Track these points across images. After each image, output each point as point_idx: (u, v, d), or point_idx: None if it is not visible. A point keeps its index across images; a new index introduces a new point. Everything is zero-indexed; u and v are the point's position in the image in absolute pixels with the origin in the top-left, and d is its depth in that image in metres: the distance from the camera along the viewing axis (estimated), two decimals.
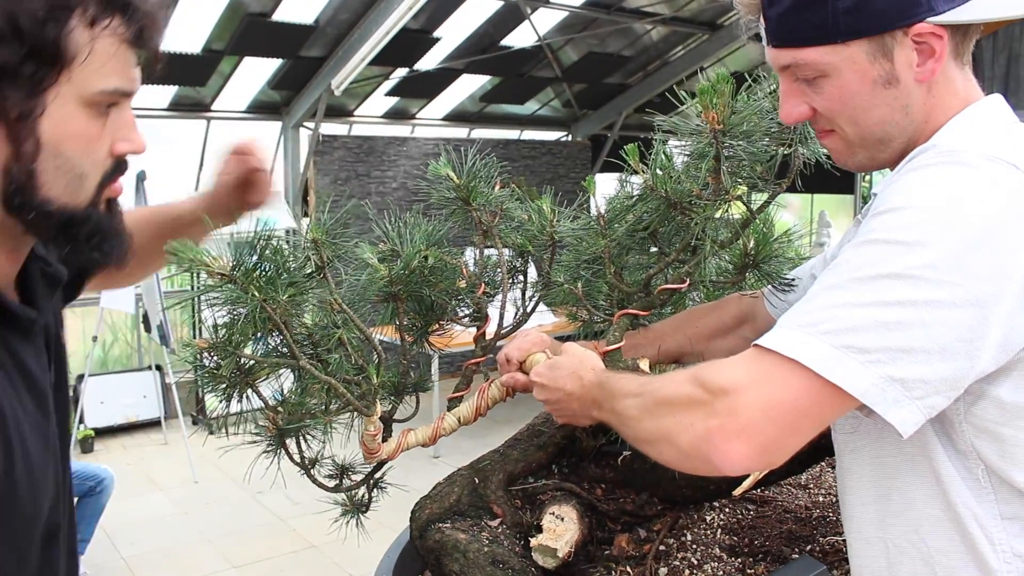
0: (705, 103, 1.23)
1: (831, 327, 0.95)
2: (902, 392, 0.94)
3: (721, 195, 1.32)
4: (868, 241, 1.00)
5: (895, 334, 0.93)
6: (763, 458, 1.00)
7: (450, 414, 1.56)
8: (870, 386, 0.93)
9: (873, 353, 0.93)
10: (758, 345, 1.01)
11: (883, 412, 0.94)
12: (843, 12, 1.06)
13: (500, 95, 9.69)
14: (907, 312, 0.93)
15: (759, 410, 0.97)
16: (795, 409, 0.97)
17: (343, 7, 7.08)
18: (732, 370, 1.02)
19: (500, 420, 2.30)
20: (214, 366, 1.40)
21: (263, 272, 1.34)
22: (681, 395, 1.06)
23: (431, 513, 1.48)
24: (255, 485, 5.75)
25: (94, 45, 1.00)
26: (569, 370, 1.33)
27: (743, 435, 0.98)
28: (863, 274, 0.97)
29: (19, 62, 0.95)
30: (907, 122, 1.12)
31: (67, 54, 0.98)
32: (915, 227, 0.96)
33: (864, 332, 0.94)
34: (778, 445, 0.99)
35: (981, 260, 0.94)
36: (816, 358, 0.95)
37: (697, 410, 1.02)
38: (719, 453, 0.99)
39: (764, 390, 0.98)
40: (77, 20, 0.98)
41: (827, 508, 1.51)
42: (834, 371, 0.94)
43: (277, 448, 1.49)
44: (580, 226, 1.49)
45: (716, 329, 1.59)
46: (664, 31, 9.26)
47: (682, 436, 1.04)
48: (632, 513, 1.51)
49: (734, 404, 0.98)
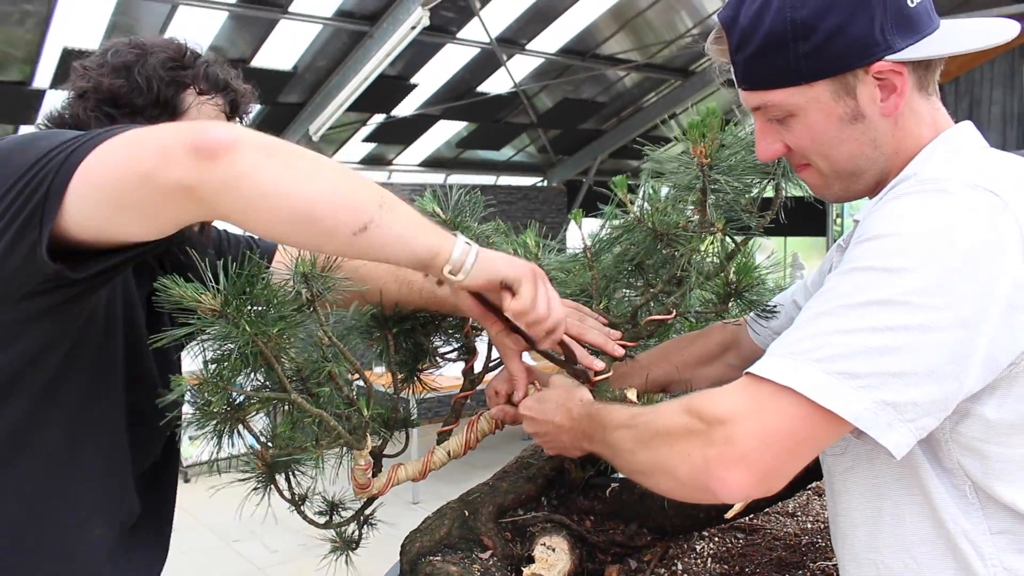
0: (694, 137, 1.27)
1: (824, 354, 0.98)
2: (894, 415, 0.96)
3: (707, 228, 1.35)
4: (855, 269, 1.02)
5: (885, 359, 0.96)
6: (762, 485, 1.01)
7: (440, 448, 1.56)
8: (863, 411, 0.96)
9: (865, 378, 0.96)
10: (751, 373, 1.03)
11: (877, 436, 0.96)
12: (804, 56, 1.11)
13: (476, 141, 9.80)
14: (897, 337, 0.96)
15: (756, 438, 0.99)
16: (791, 436, 0.99)
17: (321, 54, 7.17)
18: (727, 399, 1.04)
19: (479, 465, 2.29)
20: (204, 402, 1.40)
21: (253, 307, 1.35)
22: (676, 425, 1.07)
23: (422, 546, 1.47)
24: (231, 533, 5.67)
25: (200, 108, 1.43)
26: (557, 402, 1.34)
27: (741, 463, 0.99)
28: (852, 301, 0.99)
29: (146, 106, 1.39)
30: (877, 155, 1.16)
31: (179, 109, 1.41)
32: (900, 254, 0.99)
33: (856, 358, 0.96)
34: (776, 472, 1.01)
35: (965, 284, 0.96)
36: (810, 385, 0.97)
37: (694, 440, 1.04)
38: (718, 482, 1.01)
39: (760, 418, 1.00)
40: (190, 90, 1.42)
41: (816, 535, 1.52)
42: (828, 397, 0.96)
43: (267, 485, 1.48)
44: (567, 259, 1.51)
45: (702, 357, 1.61)
46: (637, 78, 9.43)
47: (680, 466, 1.06)
48: (622, 544, 1.51)
49: (731, 433, 1.00)
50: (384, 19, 6.68)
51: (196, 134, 0.98)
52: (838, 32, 1.09)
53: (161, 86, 1.39)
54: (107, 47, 1.44)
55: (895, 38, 1.09)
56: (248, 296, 1.30)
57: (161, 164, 0.98)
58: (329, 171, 1.07)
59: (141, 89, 1.38)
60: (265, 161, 1.01)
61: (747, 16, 1.14)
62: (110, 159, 1.03)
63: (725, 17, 1.19)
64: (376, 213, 1.07)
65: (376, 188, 1.10)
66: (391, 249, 1.11)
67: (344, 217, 1.05)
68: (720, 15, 1.21)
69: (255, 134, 1.02)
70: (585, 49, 8.42)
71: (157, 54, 1.41)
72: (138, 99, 1.38)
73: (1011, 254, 0.98)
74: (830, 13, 1.09)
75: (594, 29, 8.13)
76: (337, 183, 1.06)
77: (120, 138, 1.04)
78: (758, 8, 1.13)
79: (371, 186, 1.10)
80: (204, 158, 0.97)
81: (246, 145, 0.99)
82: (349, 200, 1.06)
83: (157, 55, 1.40)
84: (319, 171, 1.06)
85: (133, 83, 1.38)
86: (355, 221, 1.05)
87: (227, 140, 0.98)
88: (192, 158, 0.97)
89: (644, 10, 8.03)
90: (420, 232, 1.14)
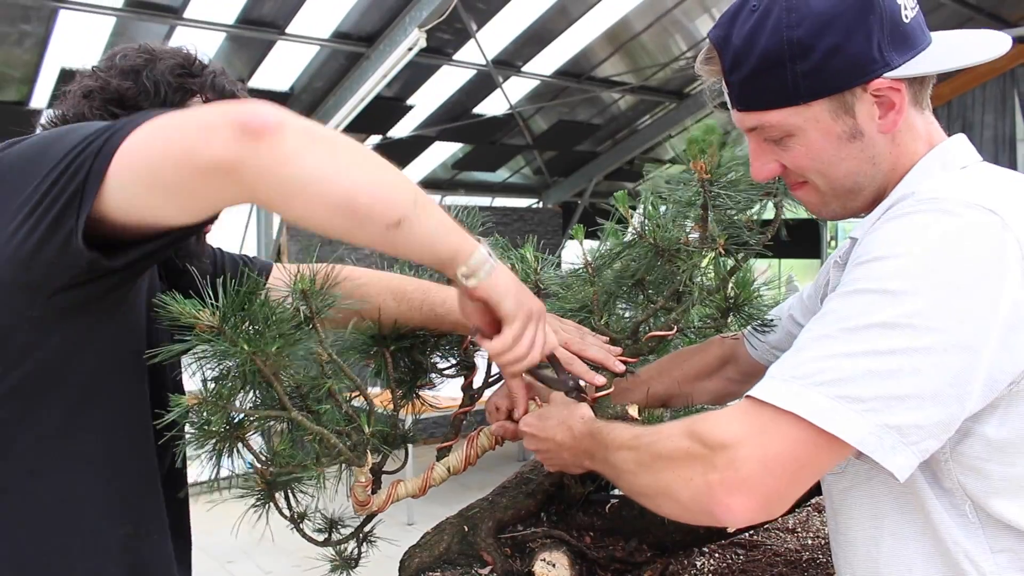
0: (693, 153, 1.27)
1: (826, 378, 0.97)
2: (898, 439, 0.96)
3: (708, 243, 1.36)
4: (855, 291, 1.02)
5: (888, 382, 0.96)
6: (765, 510, 1.02)
7: (440, 464, 1.56)
8: (867, 435, 0.95)
9: (868, 402, 0.95)
10: (752, 397, 1.03)
11: (881, 460, 0.96)
12: (802, 75, 1.10)
13: (472, 162, 9.83)
14: (899, 360, 0.96)
15: (759, 463, 0.99)
16: (794, 460, 0.99)
17: (318, 75, 7.20)
18: (728, 423, 1.03)
19: (474, 486, 2.28)
20: (204, 421, 1.39)
21: (252, 324, 1.34)
22: (678, 449, 1.07)
23: (421, 562, 1.47)
24: (224, 554, 5.62)
25: None
26: (558, 420, 1.34)
27: (744, 488, 0.99)
28: (853, 324, 0.99)
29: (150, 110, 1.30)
30: (875, 171, 1.16)
31: None
32: (901, 276, 0.99)
33: (858, 382, 0.96)
34: (779, 496, 1.01)
35: (966, 304, 0.96)
36: (814, 410, 0.97)
37: (696, 464, 1.03)
38: (722, 507, 1.01)
39: (762, 443, 1.00)
40: (197, 99, 1.42)
41: (816, 551, 1.52)
42: (832, 422, 0.96)
43: (266, 502, 1.47)
44: (568, 273, 1.52)
45: (701, 371, 1.61)
46: (632, 100, 9.48)
47: (683, 491, 1.05)
48: (622, 560, 1.51)
49: (733, 458, 1.00)
50: (381, 41, 6.72)
51: (243, 113, 0.97)
52: (836, 51, 1.08)
53: (168, 91, 1.39)
54: (115, 51, 1.44)
55: (892, 55, 1.09)
56: (246, 313, 1.30)
57: (204, 141, 0.97)
58: (371, 163, 1.07)
59: (148, 93, 1.38)
60: (309, 146, 1.00)
61: (740, 36, 1.13)
62: (152, 138, 1.02)
63: (716, 37, 1.17)
64: (411, 211, 1.07)
65: (412, 185, 1.11)
66: (417, 246, 1.12)
67: (380, 210, 1.05)
68: (711, 34, 1.19)
69: (300, 119, 1.01)
70: (580, 71, 8.47)
71: (166, 60, 1.41)
72: (145, 103, 1.37)
73: (1012, 274, 0.98)
74: (827, 32, 1.08)
75: (589, 52, 8.19)
76: (377, 176, 1.07)
77: (162, 119, 1.04)
78: (752, 28, 1.12)
79: (408, 182, 1.11)
80: (249, 137, 0.96)
81: (291, 128, 0.98)
82: (388, 195, 1.07)
83: (166, 61, 1.41)
84: (361, 162, 1.06)
85: (141, 86, 1.38)
86: (391, 215, 1.06)
87: (273, 121, 0.97)
88: (237, 136, 0.96)
89: (639, 33, 8.09)
90: (446, 233, 1.15)
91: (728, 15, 1.16)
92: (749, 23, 1.12)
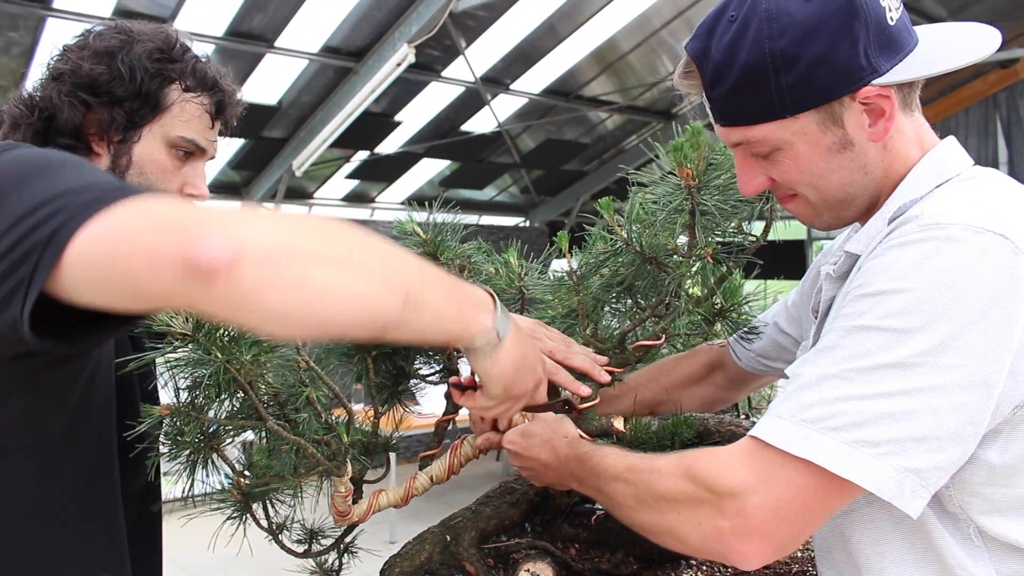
0: (679, 159, 1.24)
1: (838, 423, 0.94)
2: (918, 483, 0.93)
3: (696, 250, 1.34)
4: (862, 327, 0.97)
5: (903, 424, 0.92)
6: (779, 553, 1.00)
7: (422, 473, 1.53)
8: (885, 479, 0.92)
9: (884, 446, 0.92)
10: (756, 438, 1.00)
11: (902, 505, 0.93)
12: (787, 88, 1.05)
13: (459, 180, 9.83)
14: (914, 401, 0.92)
15: (770, 511, 0.97)
16: (805, 506, 0.97)
17: (306, 89, 7.19)
18: (734, 468, 1.00)
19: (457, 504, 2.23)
20: (177, 432, 1.36)
21: (226, 331, 1.29)
22: (680, 492, 1.04)
23: (401, 572, 1.44)
24: (202, 570, 5.54)
25: (184, 106, 1.38)
26: (542, 439, 1.32)
27: (756, 536, 0.97)
28: (863, 364, 0.95)
29: (126, 97, 1.33)
30: (868, 180, 1.12)
31: (161, 104, 1.36)
32: (910, 312, 0.94)
33: (873, 425, 0.93)
34: (792, 539, 1.00)
35: (980, 338, 0.93)
36: (828, 456, 0.94)
37: (703, 509, 1.01)
38: (735, 554, 0.99)
39: (772, 491, 0.97)
40: (176, 85, 1.36)
41: (806, 563, 1.49)
42: (848, 468, 0.93)
43: (243, 514, 1.44)
44: (554, 281, 1.50)
45: (688, 378, 1.59)
46: (620, 120, 9.51)
47: (691, 533, 1.03)
48: (608, 572, 1.48)
49: (742, 506, 0.98)
50: (370, 56, 6.72)
51: (189, 248, 0.77)
52: (821, 61, 1.03)
53: (145, 78, 1.32)
54: (91, 30, 1.37)
55: (879, 61, 1.05)
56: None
57: (150, 277, 0.81)
58: (351, 273, 0.86)
59: (123, 79, 1.31)
60: (272, 280, 0.80)
61: (719, 48, 1.08)
62: (99, 251, 0.86)
63: (694, 49, 1.13)
64: (398, 315, 0.91)
65: (404, 283, 0.91)
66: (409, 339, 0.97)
67: (360, 325, 0.89)
68: (688, 47, 1.14)
69: (261, 234, 0.81)
70: (568, 90, 8.49)
71: (144, 43, 1.34)
72: (119, 89, 1.31)
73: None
74: (812, 41, 1.03)
75: (577, 71, 8.21)
76: (358, 290, 0.86)
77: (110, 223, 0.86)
78: (731, 40, 1.07)
79: (399, 283, 0.90)
80: (199, 280, 0.78)
81: (248, 259, 0.78)
82: (368, 310, 0.89)
83: (144, 44, 1.34)
84: (336, 281, 0.85)
85: (115, 71, 1.31)
86: (372, 326, 0.90)
87: (226, 258, 0.77)
88: (185, 278, 0.78)
89: (626, 53, 8.12)
90: (448, 320, 1.00)
91: (705, 26, 1.12)
92: (728, 35, 1.08)
